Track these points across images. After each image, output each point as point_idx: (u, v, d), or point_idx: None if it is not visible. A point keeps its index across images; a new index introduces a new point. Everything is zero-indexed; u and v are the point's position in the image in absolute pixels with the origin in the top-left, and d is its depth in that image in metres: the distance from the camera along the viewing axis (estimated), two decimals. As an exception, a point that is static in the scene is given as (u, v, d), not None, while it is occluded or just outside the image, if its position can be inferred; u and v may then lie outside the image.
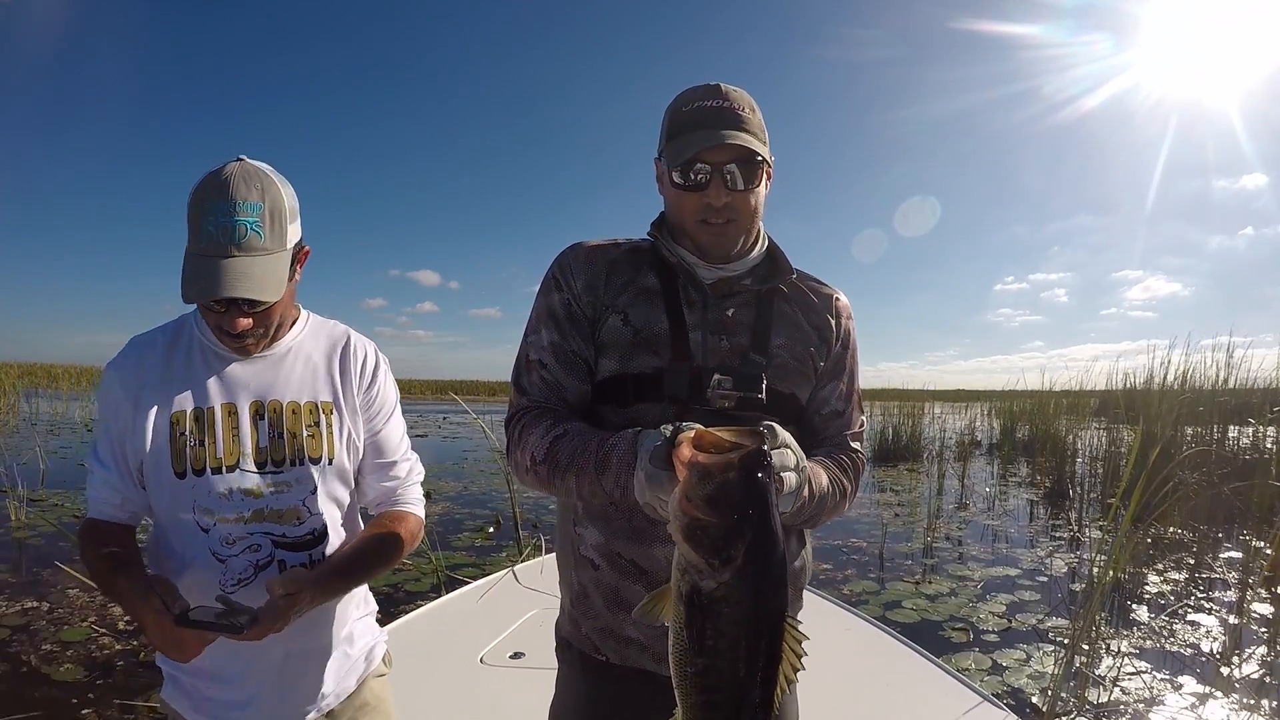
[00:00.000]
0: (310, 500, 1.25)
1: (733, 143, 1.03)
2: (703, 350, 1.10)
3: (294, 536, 1.23)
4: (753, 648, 0.70)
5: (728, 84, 1.10)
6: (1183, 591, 5.08)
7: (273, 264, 1.13)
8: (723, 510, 0.67)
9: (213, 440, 1.20)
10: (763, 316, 1.15)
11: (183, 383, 1.21)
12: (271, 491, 1.21)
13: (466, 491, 8.51)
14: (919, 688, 2.43)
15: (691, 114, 1.07)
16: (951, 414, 19.54)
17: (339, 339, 1.34)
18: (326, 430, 1.27)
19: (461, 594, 3.27)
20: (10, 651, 3.39)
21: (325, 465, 1.26)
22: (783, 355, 1.14)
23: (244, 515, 1.20)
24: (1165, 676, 3.59)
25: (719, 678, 0.70)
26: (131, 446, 1.19)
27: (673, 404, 1.08)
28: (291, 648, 1.23)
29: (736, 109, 1.07)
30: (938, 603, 4.70)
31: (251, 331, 1.17)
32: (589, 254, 1.16)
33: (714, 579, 0.68)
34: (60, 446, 11.01)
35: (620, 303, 1.13)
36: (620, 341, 1.11)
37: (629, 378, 1.10)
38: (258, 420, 1.22)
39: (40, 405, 20.09)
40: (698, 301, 1.13)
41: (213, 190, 1.10)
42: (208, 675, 1.22)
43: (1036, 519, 8.01)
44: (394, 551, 1.31)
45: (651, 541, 1.08)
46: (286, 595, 1.09)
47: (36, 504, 6.50)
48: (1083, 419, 11.10)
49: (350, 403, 1.31)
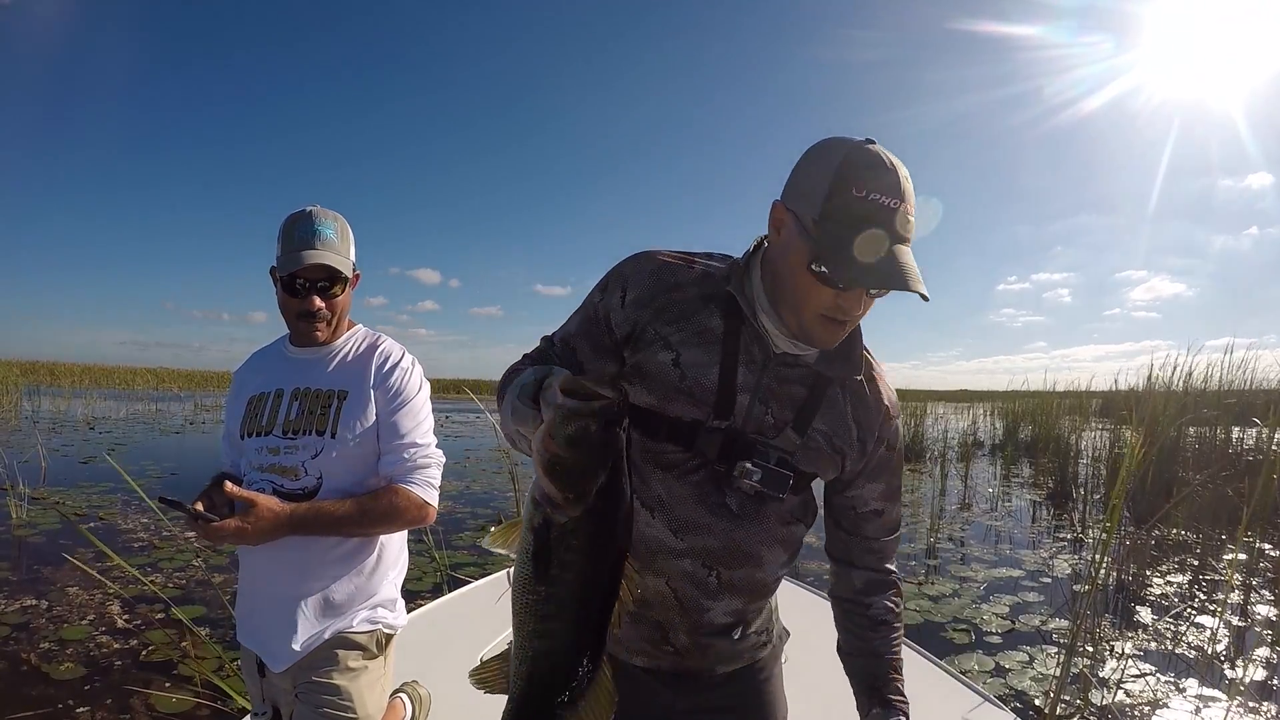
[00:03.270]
0: (309, 463, 1.58)
1: (905, 265, 0.93)
2: (745, 415, 1.06)
3: (289, 488, 1.57)
4: (594, 580, 0.75)
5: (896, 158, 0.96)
6: (1186, 593, 5.06)
7: (343, 260, 1.61)
8: (581, 450, 0.71)
9: (263, 413, 1.63)
10: (813, 397, 1.09)
11: (262, 376, 1.70)
12: (285, 450, 1.59)
13: (468, 490, 8.51)
14: (920, 689, 2.41)
15: (865, 208, 0.93)
16: (954, 414, 19.53)
17: (373, 343, 1.71)
18: (335, 412, 1.60)
19: (462, 593, 3.26)
20: (9, 650, 3.38)
21: (328, 438, 1.58)
22: (818, 440, 1.10)
23: (261, 465, 1.59)
24: (1169, 679, 3.57)
25: (558, 606, 0.75)
26: (231, 419, 1.71)
27: (698, 457, 1.07)
28: (281, 589, 1.56)
29: (909, 213, 0.95)
30: (940, 604, 4.68)
31: (321, 313, 1.61)
32: (656, 270, 1.09)
33: (566, 513, 0.72)
34: (61, 444, 11.01)
35: (673, 337, 1.06)
36: (665, 380, 1.06)
37: (663, 418, 1.07)
38: (293, 401, 1.63)
39: (42, 403, 20.13)
40: (757, 362, 1.07)
41: (300, 217, 1.62)
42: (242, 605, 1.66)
43: (1039, 520, 7.99)
44: (377, 516, 1.56)
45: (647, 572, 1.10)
46: (246, 500, 1.45)
47: (37, 502, 6.51)
48: (1085, 420, 11.07)
49: (366, 392, 1.62)
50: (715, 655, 1.17)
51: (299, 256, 1.55)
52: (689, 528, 1.08)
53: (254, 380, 1.70)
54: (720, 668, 1.19)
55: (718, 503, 1.07)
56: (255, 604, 1.63)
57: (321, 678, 1.55)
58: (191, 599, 4.17)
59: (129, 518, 6.19)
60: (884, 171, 0.94)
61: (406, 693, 2.10)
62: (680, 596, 1.10)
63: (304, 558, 1.55)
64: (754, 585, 1.13)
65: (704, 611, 1.11)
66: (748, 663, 1.22)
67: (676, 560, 1.08)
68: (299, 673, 1.56)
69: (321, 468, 1.58)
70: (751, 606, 1.16)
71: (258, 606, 1.62)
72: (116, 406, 20.26)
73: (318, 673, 1.55)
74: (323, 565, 1.57)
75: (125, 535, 5.60)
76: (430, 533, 5.30)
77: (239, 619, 1.68)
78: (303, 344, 1.69)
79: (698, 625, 1.12)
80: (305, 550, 1.55)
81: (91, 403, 20.45)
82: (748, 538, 1.09)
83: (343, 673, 1.56)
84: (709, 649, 1.15)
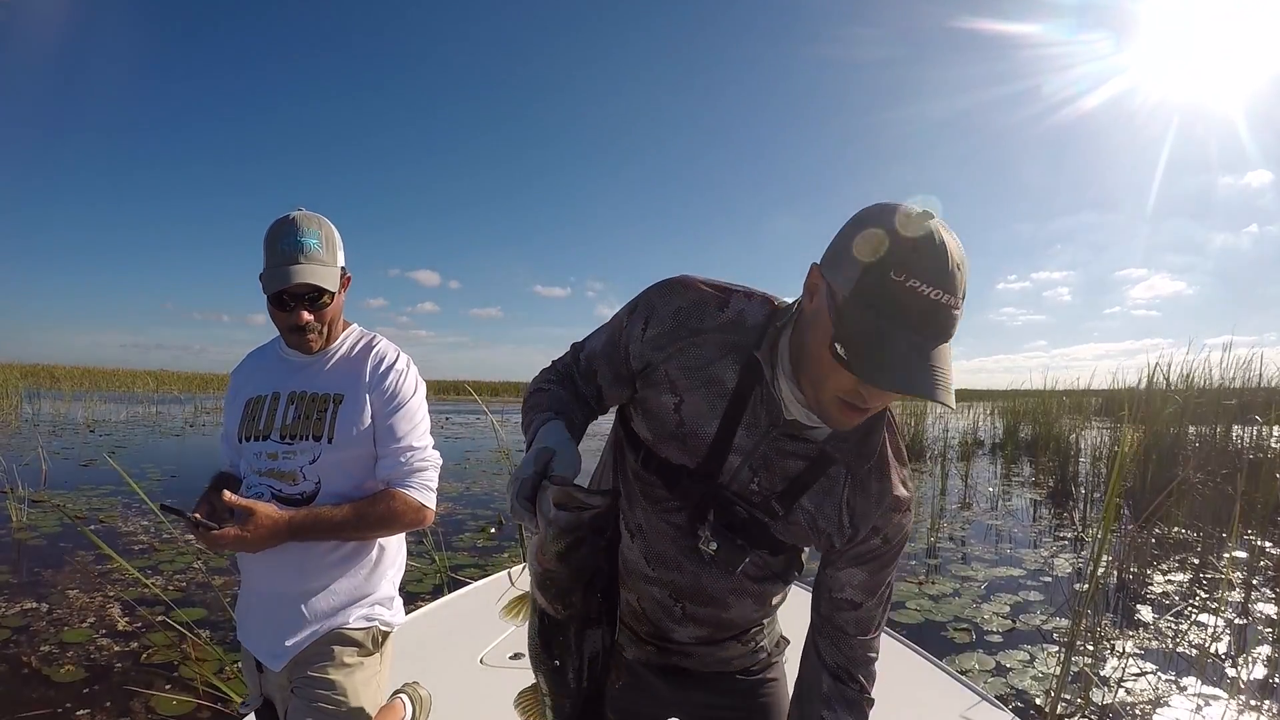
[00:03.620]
0: (308, 468, 1.58)
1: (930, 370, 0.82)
2: (732, 476, 1.04)
3: (288, 493, 1.57)
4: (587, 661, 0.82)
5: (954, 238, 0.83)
6: (1187, 592, 5.05)
7: (329, 271, 1.58)
8: (570, 566, 0.77)
9: (260, 417, 1.62)
10: (809, 474, 1.02)
11: (259, 379, 1.68)
12: (283, 455, 1.58)
13: (469, 492, 8.51)
14: (920, 689, 2.42)
15: (902, 297, 0.81)
16: (954, 414, 19.52)
17: (368, 344, 1.69)
18: (331, 417, 1.59)
19: (463, 594, 3.26)
20: (10, 652, 3.38)
21: (325, 443, 1.57)
22: (802, 518, 1.04)
23: (260, 470, 1.59)
24: (1170, 677, 3.57)
25: (564, 676, 0.83)
26: (230, 421, 1.69)
27: (678, 499, 1.08)
28: (279, 590, 1.57)
29: (954, 307, 0.82)
30: (941, 603, 4.68)
31: (311, 326, 1.58)
32: (682, 309, 1.02)
33: (557, 615, 0.80)
34: (62, 447, 11.00)
35: (681, 382, 1.02)
36: (663, 422, 1.05)
37: (655, 455, 1.07)
38: (289, 405, 1.61)
39: (42, 406, 20.13)
40: (760, 427, 1.01)
41: (283, 225, 1.57)
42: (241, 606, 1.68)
43: (1040, 519, 7.99)
44: (375, 520, 1.56)
45: (622, 584, 1.12)
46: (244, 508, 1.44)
47: (38, 505, 6.50)
48: (1086, 419, 11.07)
49: (362, 396, 1.61)
50: (694, 661, 1.21)
51: (284, 274, 1.52)
52: (661, 561, 1.11)
53: (251, 382, 1.70)
54: (707, 672, 1.23)
55: (690, 546, 1.09)
56: (253, 604, 1.64)
57: (316, 672, 1.55)
58: (192, 601, 4.17)
59: (129, 520, 6.18)
60: (932, 254, 0.81)
61: (407, 693, 2.10)
62: (649, 615, 1.16)
63: (302, 560, 1.56)
64: (719, 623, 1.16)
65: (669, 631, 1.17)
66: (736, 669, 1.24)
67: (647, 585, 1.13)
68: (294, 668, 1.57)
69: (320, 472, 1.58)
70: (719, 635, 1.19)
71: (255, 607, 1.63)
72: (117, 409, 20.27)
73: (313, 668, 1.56)
74: (320, 566, 1.58)
75: (125, 538, 5.60)
76: (431, 534, 5.29)
77: (238, 619, 1.69)
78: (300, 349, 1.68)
79: (668, 640, 1.18)
80: (303, 552, 1.55)
81: (92, 405, 20.43)
82: (715, 584, 1.11)
83: (338, 668, 1.57)
84: (687, 654, 1.20)
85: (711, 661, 1.21)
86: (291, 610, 1.56)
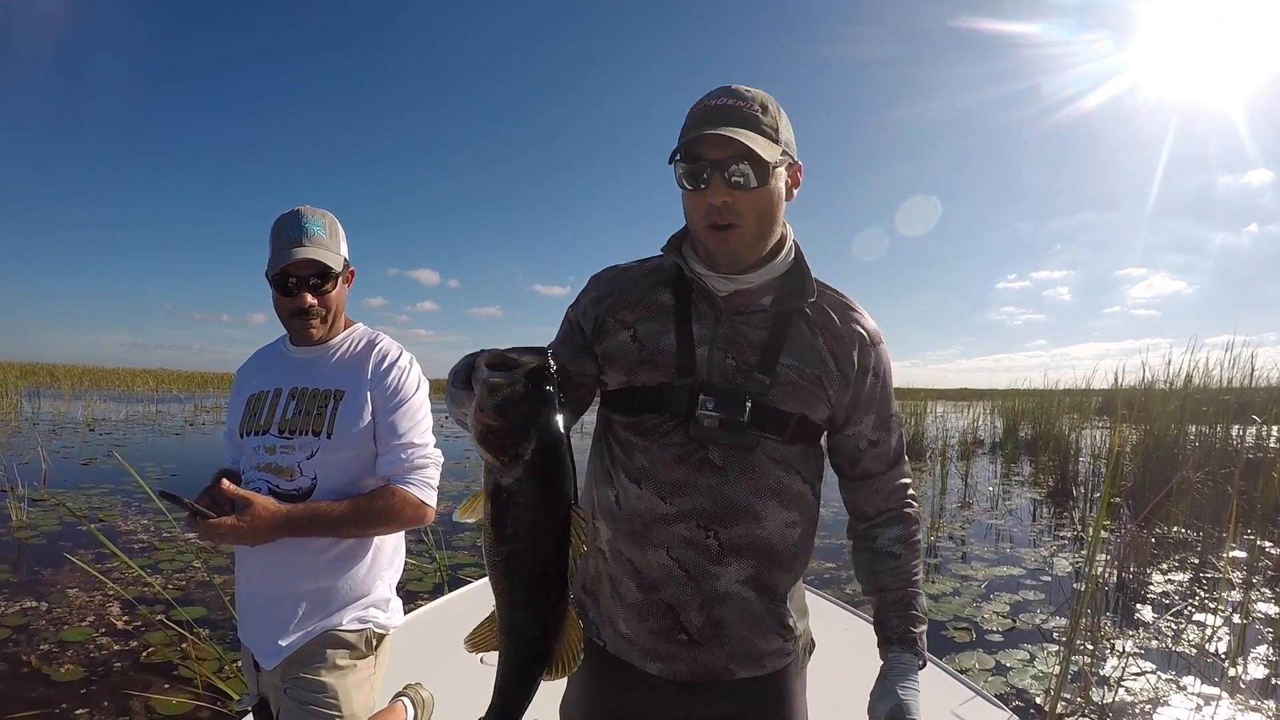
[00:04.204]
0: (305, 463, 1.58)
1: (733, 138, 0.99)
2: (706, 365, 1.09)
3: (285, 488, 1.57)
4: (545, 530, 0.81)
5: (748, 86, 1.07)
6: (1186, 591, 5.06)
7: (333, 256, 1.61)
8: (507, 416, 0.77)
9: (261, 412, 1.64)
10: (776, 336, 1.10)
11: (262, 375, 1.71)
12: (281, 450, 1.59)
13: (469, 491, 8.40)
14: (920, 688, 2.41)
15: (699, 112, 1.06)
16: (954, 413, 19.52)
17: (371, 341, 1.70)
18: (332, 413, 1.60)
19: (463, 593, 3.26)
20: (10, 651, 3.38)
21: (324, 438, 1.58)
22: (790, 374, 1.09)
23: (258, 465, 1.60)
24: (1169, 676, 3.57)
25: (519, 560, 0.82)
26: (232, 419, 1.72)
27: (673, 417, 1.08)
28: (273, 589, 1.57)
29: (745, 106, 1.03)
30: (941, 602, 4.68)
31: (314, 311, 1.60)
32: (610, 274, 1.22)
33: (509, 475, 0.79)
34: (62, 446, 11.00)
35: (630, 318, 1.14)
36: (627, 356, 1.13)
37: (632, 390, 1.13)
38: (290, 401, 1.63)
39: (42, 405, 20.12)
40: (709, 316, 1.11)
41: (288, 215, 1.62)
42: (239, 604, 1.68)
43: (1040, 518, 7.99)
44: (374, 517, 1.56)
45: (646, 545, 1.09)
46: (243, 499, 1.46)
47: (38, 504, 6.50)
48: (1086, 418, 11.07)
49: (363, 393, 1.61)
50: (732, 644, 1.10)
51: (288, 254, 1.56)
52: (676, 490, 1.07)
53: (255, 379, 1.72)
54: (737, 668, 1.11)
55: (700, 459, 1.07)
56: (250, 602, 1.64)
57: (309, 674, 1.54)
58: (191, 600, 4.17)
59: (129, 519, 6.18)
60: (717, 90, 1.07)
61: (409, 695, 2.10)
62: (685, 566, 1.08)
63: (298, 559, 1.56)
64: (759, 547, 1.09)
65: (713, 579, 1.08)
66: (769, 670, 1.14)
67: (670, 527, 1.07)
68: (288, 668, 1.57)
69: (317, 468, 1.58)
70: (767, 576, 1.10)
71: (251, 605, 1.64)
72: (116, 408, 20.26)
73: (306, 669, 1.55)
74: (316, 565, 1.57)
75: (125, 537, 5.60)
76: (430, 533, 5.29)
77: (238, 616, 1.70)
78: (300, 343, 1.69)
79: (709, 597, 1.08)
80: (299, 550, 1.55)
81: (91, 404, 20.43)
82: (736, 491, 1.07)
83: (330, 670, 1.55)
84: (724, 630, 1.09)
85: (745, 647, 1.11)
86: (286, 610, 1.56)
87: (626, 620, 1.12)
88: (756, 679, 1.13)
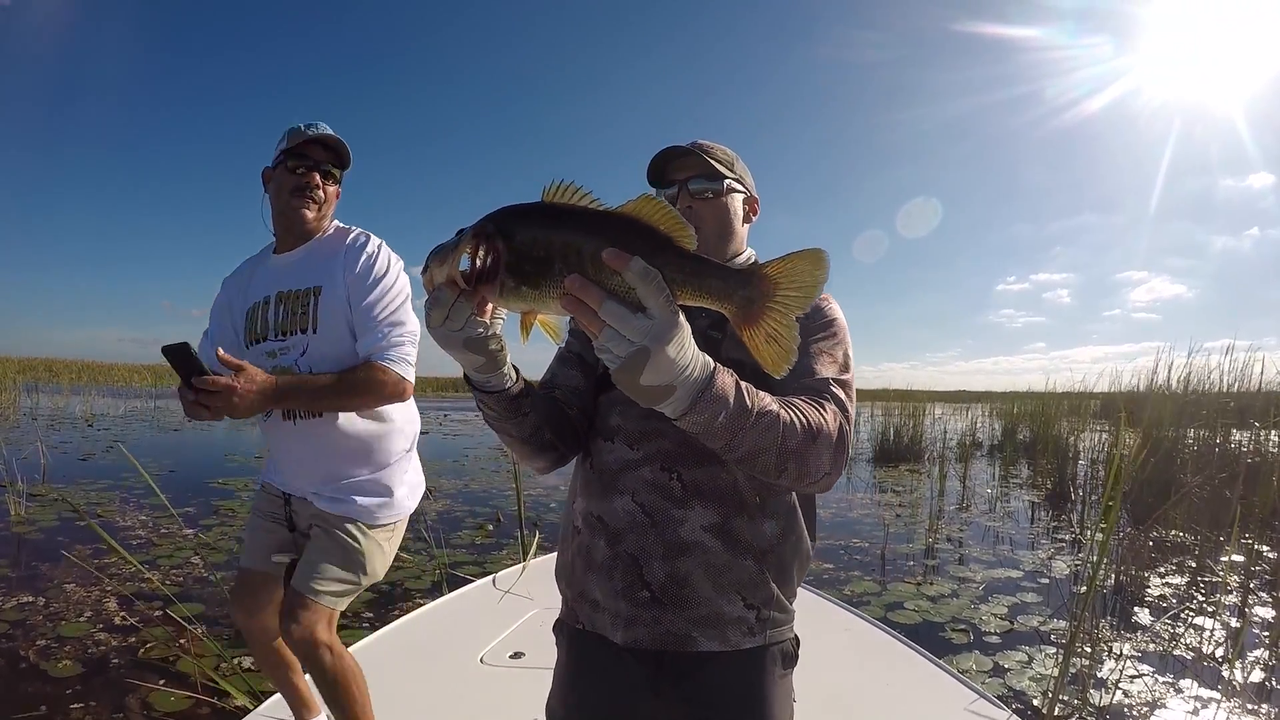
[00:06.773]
0: (301, 360, 1.74)
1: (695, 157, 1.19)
2: None
3: None
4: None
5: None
6: (1185, 595, 5.06)
7: (343, 147, 1.81)
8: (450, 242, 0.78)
9: (258, 320, 1.81)
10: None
11: (253, 286, 1.87)
12: (280, 352, 1.76)
13: (467, 489, 8.50)
14: (920, 688, 2.42)
15: (661, 153, 1.23)
16: (953, 415, 19.54)
17: (343, 233, 1.83)
18: (313, 309, 1.73)
19: (462, 593, 3.26)
20: (7, 647, 3.38)
21: (311, 334, 1.73)
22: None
23: (266, 369, 1.68)
24: (1167, 679, 3.57)
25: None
26: (232, 324, 1.90)
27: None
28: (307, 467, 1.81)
29: (699, 150, 1.20)
30: (939, 604, 4.68)
31: (316, 195, 1.78)
32: None
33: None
34: (61, 441, 10.98)
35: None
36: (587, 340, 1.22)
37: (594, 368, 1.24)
38: (279, 305, 1.78)
39: (41, 400, 20.10)
40: None
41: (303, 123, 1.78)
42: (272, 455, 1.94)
43: (1038, 521, 7.99)
44: (356, 387, 1.68)
45: (613, 494, 1.14)
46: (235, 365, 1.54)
47: (37, 498, 6.50)
48: (1084, 421, 11.08)
49: (340, 282, 1.73)
50: (693, 606, 1.09)
51: (314, 128, 1.75)
52: (644, 436, 1.13)
53: (247, 289, 1.89)
54: (699, 635, 1.10)
55: None
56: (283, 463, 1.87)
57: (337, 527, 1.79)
58: (190, 596, 4.17)
59: (127, 515, 6.18)
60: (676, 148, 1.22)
61: None
62: (649, 509, 1.10)
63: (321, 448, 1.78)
64: (723, 490, 1.10)
65: (676, 525, 1.09)
66: (733, 647, 1.12)
67: (636, 471, 1.13)
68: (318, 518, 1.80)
69: (310, 364, 1.72)
70: (731, 524, 1.10)
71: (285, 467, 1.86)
72: (115, 403, 20.25)
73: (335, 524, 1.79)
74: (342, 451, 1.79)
75: (124, 532, 5.59)
76: (429, 531, 5.30)
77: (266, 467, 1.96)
78: (290, 230, 1.82)
79: (671, 546, 1.09)
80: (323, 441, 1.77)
81: (90, 400, 20.41)
82: None
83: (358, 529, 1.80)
84: (686, 589, 1.09)
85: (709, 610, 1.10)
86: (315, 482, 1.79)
87: (598, 583, 1.15)
88: (719, 658, 1.12)
